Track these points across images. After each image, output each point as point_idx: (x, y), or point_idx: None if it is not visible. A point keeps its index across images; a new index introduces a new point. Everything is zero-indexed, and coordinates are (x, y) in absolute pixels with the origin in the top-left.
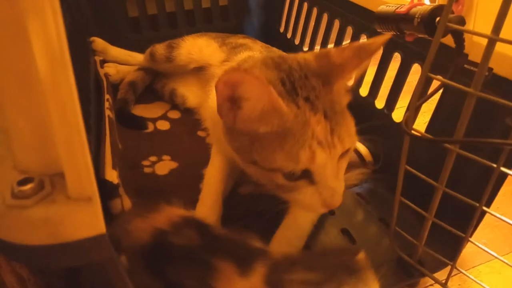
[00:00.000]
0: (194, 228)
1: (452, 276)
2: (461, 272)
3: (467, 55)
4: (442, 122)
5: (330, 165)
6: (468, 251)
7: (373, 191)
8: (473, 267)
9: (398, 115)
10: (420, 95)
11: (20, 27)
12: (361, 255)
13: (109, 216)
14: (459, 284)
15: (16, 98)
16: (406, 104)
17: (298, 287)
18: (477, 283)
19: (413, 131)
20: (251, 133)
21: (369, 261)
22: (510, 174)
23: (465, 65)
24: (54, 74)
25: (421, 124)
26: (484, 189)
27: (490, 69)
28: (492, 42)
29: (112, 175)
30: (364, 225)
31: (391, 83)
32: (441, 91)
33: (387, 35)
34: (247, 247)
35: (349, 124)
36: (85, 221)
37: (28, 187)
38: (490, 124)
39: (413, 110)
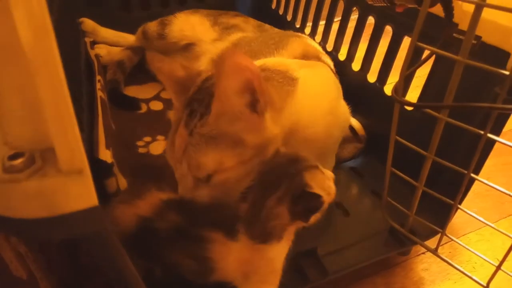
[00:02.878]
0: (176, 209)
1: (443, 244)
2: (451, 239)
3: (457, 24)
4: (433, 95)
5: (179, 174)
6: (458, 220)
7: (367, 165)
8: (463, 235)
9: (390, 89)
10: (410, 65)
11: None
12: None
13: (105, 196)
14: (450, 252)
15: (3, 73)
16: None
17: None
18: (467, 249)
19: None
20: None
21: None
22: (497, 141)
23: (454, 34)
24: (38, 46)
25: (414, 98)
26: (480, 160)
27: (479, 37)
28: (479, 8)
29: (106, 155)
30: (357, 198)
31: (383, 58)
32: (432, 63)
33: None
34: (226, 212)
35: (203, 158)
36: (77, 193)
37: (19, 161)
38: (480, 94)
39: (402, 77)
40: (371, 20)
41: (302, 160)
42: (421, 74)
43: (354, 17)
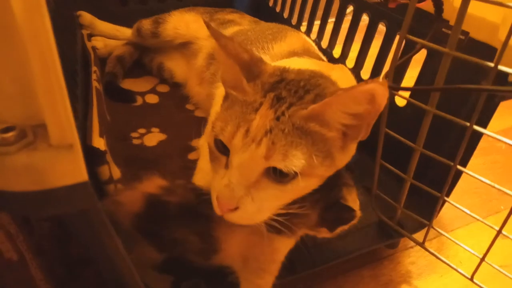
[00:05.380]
0: (188, 189)
1: (431, 239)
2: (438, 232)
3: (447, 21)
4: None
5: (243, 158)
6: (447, 215)
7: (359, 160)
8: (451, 230)
9: None
10: (404, 63)
11: None
12: None
13: (98, 183)
14: (438, 246)
15: None
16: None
17: None
18: (453, 241)
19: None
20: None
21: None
22: (484, 133)
23: (444, 29)
24: (29, 19)
25: (405, 94)
26: (467, 152)
27: (466, 33)
28: (465, 2)
29: (99, 142)
30: None
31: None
32: (422, 63)
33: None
34: None
35: (293, 151)
36: (67, 168)
37: (10, 134)
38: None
39: (393, 66)
40: (365, 21)
41: (342, 175)
42: (414, 75)
43: (349, 16)
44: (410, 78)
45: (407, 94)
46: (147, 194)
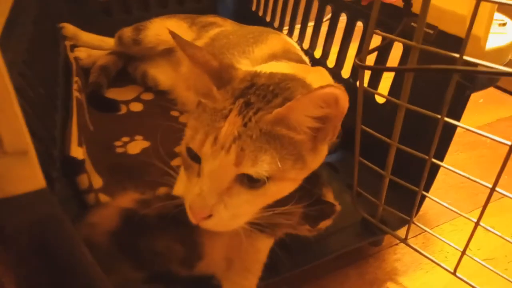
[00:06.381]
0: (165, 199)
1: (417, 235)
2: (421, 228)
3: (417, 15)
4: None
5: (213, 166)
6: (432, 211)
7: (342, 160)
8: (437, 226)
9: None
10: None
11: None
12: None
13: (78, 193)
14: (423, 242)
15: None
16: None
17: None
18: (436, 237)
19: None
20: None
21: None
22: (458, 125)
23: (413, 24)
24: None
25: (385, 88)
26: (443, 145)
27: (435, 27)
28: None
29: (77, 152)
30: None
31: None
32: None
33: None
34: None
35: (262, 157)
36: (23, 174)
37: None
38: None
39: (365, 54)
40: (343, 21)
41: (320, 176)
42: (390, 75)
43: (328, 17)
44: (387, 78)
45: (385, 93)
46: (122, 209)
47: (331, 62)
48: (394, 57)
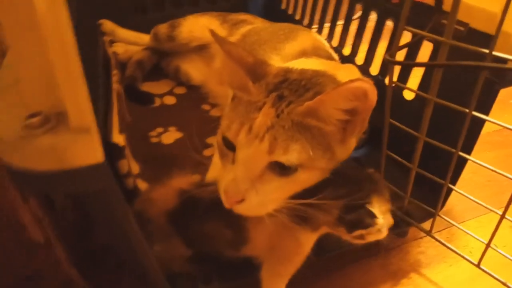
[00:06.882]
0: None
1: (441, 230)
2: (446, 220)
3: (447, 13)
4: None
5: (247, 153)
6: (458, 207)
7: (368, 155)
8: (462, 222)
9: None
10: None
11: None
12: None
13: (117, 177)
14: (447, 237)
15: (21, 41)
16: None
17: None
18: (462, 230)
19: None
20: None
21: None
22: (484, 119)
23: (444, 21)
24: (50, 14)
25: (413, 86)
26: (470, 140)
27: (466, 24)
28: None
29: (118, 138)
30: None
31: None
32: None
33: None
34: None
35: (293, 145)
36: (84, 149)
37: (35, 119)
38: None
39: (395, 51)
40: (372, 20)
41: (376, 181)
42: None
43: (358, 15)
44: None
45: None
46: (180, 190)
47: (359, 60)
48: (423, 58)
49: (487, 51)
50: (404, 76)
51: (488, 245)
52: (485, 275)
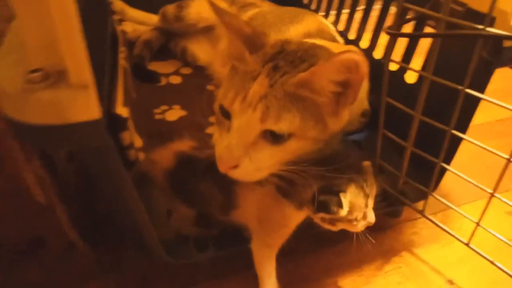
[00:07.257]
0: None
1: (437, 212)
2: (439, 200)
3: None
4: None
5: (241, 121)
6: (454, 192)
7: (368, 138)
8: (458, 205)
9: (394, 66)
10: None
11: None
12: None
13: (120, 148)
14: (442, 219)
15: (28, 6)
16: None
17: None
18: (455, 209)
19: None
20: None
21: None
22: (478, 96)
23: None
24: None
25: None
26: (464, 119)
27: (464, 4)
28: None
29: (122, 110)
30: None
31: None
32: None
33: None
34: None
35: (285, 115)
36: (82, 105)
37: (36, 75)
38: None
39: (395, 25)
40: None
41: (362, 171)
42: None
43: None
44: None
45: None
46: (179, 152)
47: (364, 44)
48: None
49: (481, 27)
50: (405, 60)
51: (477, 224)
52: (475, 256)
